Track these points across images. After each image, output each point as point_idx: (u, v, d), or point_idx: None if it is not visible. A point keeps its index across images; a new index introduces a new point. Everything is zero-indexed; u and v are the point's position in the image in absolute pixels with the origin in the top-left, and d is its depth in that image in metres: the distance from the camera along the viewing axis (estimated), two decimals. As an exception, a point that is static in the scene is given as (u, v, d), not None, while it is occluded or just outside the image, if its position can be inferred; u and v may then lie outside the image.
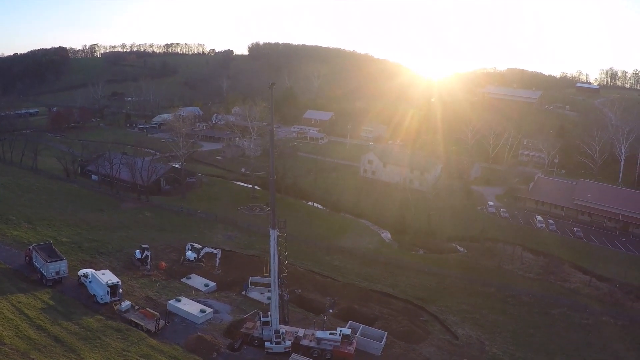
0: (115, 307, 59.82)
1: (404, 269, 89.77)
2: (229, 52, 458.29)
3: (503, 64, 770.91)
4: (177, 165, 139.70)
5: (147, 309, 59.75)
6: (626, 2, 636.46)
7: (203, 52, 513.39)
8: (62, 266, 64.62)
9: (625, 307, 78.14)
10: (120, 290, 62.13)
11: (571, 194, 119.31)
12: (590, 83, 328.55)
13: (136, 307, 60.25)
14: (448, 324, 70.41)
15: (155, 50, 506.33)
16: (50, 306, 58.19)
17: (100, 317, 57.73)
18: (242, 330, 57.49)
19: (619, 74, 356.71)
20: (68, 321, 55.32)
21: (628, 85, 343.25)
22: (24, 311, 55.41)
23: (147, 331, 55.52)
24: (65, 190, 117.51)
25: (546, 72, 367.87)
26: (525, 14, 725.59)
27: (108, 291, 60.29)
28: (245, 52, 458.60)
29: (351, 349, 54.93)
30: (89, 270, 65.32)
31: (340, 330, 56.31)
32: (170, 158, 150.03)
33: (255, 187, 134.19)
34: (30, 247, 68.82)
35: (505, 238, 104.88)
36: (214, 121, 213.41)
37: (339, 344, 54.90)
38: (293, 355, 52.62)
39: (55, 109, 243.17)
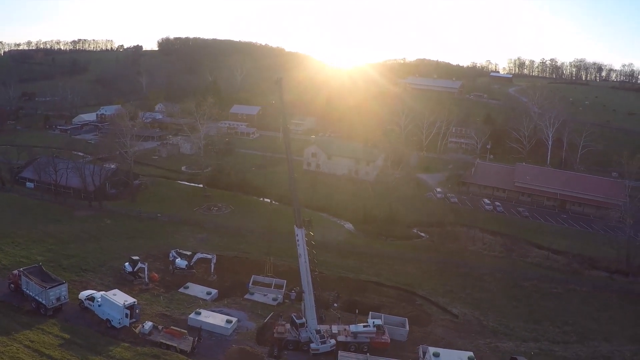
0: (137, 330, 55.24)
1: (380, 257, 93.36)
2: (138, 48, 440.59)
3: (410, 54, 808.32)
4: (112, 166, 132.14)
5: (172, 327, 56.10)
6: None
7: (112, 48, 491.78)
8: (63, 291, 58.00)
9: (584, 276, 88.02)
10: (138, 310, 57.23)
11: (511, 177, 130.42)
12: (497, 72, 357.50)
13: (160, 327, 56.14)
14: (441, 305, 74.81)
15: (62, 47, 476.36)
16: (67, 340, 52.02)
17: (126, 344, 52.97)
18: (275, 335, 56.56)
19: (527, 62, 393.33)
20: (97, 355, 49.93)
21: (535, 74, 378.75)
22: (43, 352, 48.72)
23: (182, 352, 52.03)
24: (8, 201, 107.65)
25: (453, 62, 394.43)
26: (429, 4, 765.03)
27: (127, 313, 55.39)
28: (155, 48, 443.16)
29: (386, 338, 57.20)
30: (95, 292, 59.97)
31: (373, 322, 58.26)
32: (104, 160, 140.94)
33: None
34: (16, 272, 61.03)
35: (460, 221, 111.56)
36: (141, 119, 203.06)
37: (375, 335, 56.74)
38: (340, 352, 53.31)
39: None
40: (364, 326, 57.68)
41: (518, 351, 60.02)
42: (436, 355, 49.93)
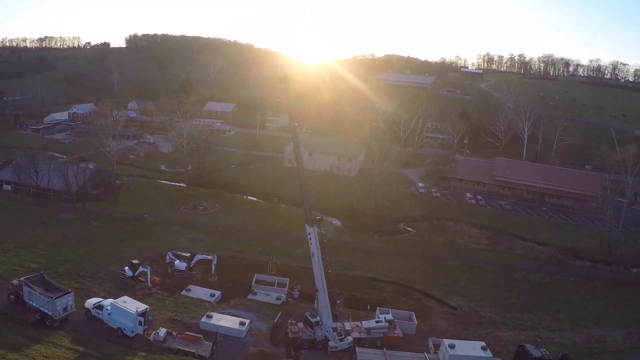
0: (151, 338, 53.88)
1: (371, 253, 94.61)
2: (106, 45, 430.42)
3: (378, 50, 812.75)
4: (91, 166, 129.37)
5: (187, 332, 55.22)
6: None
7: (79, 45, 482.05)
8: (69, 300, 55.64)
9: (568, 266, 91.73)
10: (150, 317, 55.75)
11: (491, 171, 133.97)
12: (467, 67, 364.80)
13: (174, 333, 55.05)
14: (438, 298, 76.43)
15: (28, 45, 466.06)
16: (82, 352, 49.88)
17: (142, 352, 51.63)
18: (290, 335, 56.67)
19: (495, 58, 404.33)
20: (116, 367, 48.89)
21: (504, 69, 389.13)
22: (59, 368, 47.11)
23: (201, 357, 51.34)
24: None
25: (422, 58, 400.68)
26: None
27: (141, 321, 54.04)
28: (123, 45, 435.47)
29: (398, 332, 58.41)
30: (103, 300, 58.15)
31: (385, 317, 59.35)
32: (81, 160, 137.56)
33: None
34: (16, 281, 58.30)
35: (445, 216, 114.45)
36: (114, 118, 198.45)
37: (387, 330, 57.90)
38: (358, 349, 53.95)
39: None
40: (376, 322, 58.68)
41: (518, 339, 62.24)
42: (452, 346, 51.42)
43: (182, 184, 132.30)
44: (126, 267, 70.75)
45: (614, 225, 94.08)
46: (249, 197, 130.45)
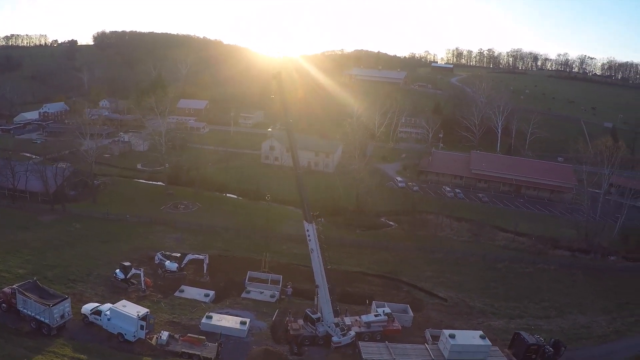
0: (153, 342, 53.05)
1: (356, 247, 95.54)
2: (73, 43, 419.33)
3: (347, 45, 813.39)
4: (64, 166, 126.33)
5: (189, 335, 54.50)
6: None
7: (46, 43, 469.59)
8: (67, 307, 53.63)
9: (548, 255, 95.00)
10: (151, 320, 54.44)
11: (467, 165, 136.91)
12: (436, 62, 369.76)
13: (177, 336, 54.23)
14: (427, 290, 77.97)
15: None
16: None
17: (147, 357, 50.72)
18: (291, 332, 56.95)
19: (465, 53, 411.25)
20: (123, 376, 47.89)
21: (473, 63, 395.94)
22: (65, 381, 45.65)
23: (206, 359, 50.92)
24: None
25: (391, 53, 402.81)
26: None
27: (142, 325, 52.80)
28: (91, 42, 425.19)
29: (397, 325, 59.45)
30: (101, 305, 56.49)
31: (383, 310, 60.38)
32: (55, 160, 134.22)
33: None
34: (7, 289, 55.80)
35: (426, 209, 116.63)
36: (89, 116, 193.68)
37: (386, 323, 58.92)
38: (361, 343, 54.63)
39: None
40: (375, 315, 59.67)
41: (509, 328, 64.54)
42: (452, 336, 52.76)
43: (161, 183, 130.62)
44: (117, 270, 69.43)
45: (590, 215, 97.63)
46: (228, 195, 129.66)
